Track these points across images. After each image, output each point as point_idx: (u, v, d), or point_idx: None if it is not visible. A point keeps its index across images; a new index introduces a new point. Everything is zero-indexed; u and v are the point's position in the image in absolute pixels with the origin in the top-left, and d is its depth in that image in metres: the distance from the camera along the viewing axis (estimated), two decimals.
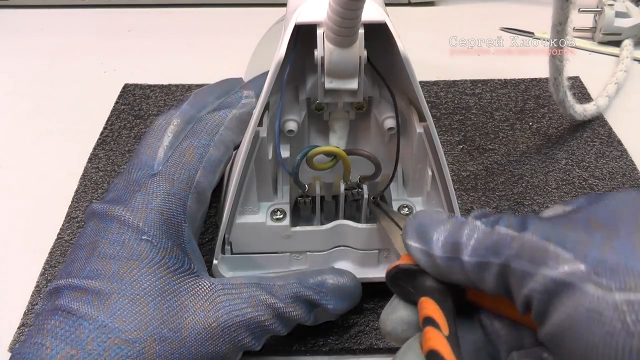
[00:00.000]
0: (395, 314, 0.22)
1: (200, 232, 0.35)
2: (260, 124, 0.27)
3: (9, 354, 0.30)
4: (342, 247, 0.31)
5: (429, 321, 0.20)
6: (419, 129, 0.28)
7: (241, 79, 0.37)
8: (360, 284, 0.29)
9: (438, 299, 0.21)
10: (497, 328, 0.21)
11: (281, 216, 0.30)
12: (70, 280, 0.25)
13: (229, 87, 0.33)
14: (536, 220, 0.19)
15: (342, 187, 0.29)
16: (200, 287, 0.26)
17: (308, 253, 0.30)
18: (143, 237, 0.26)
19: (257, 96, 0.30)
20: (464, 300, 0.22)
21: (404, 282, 0.22)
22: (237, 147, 0.31)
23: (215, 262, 0.30)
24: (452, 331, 0.20)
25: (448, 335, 0.19)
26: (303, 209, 0.31)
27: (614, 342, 0.15)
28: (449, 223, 0.21)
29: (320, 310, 0.28)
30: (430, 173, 0.29)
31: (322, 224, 0.30)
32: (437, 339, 0.19)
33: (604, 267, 0.16)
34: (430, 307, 0.20)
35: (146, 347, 0.23)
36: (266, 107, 0.28)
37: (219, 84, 0.34)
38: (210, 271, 0.30)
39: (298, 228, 0.30)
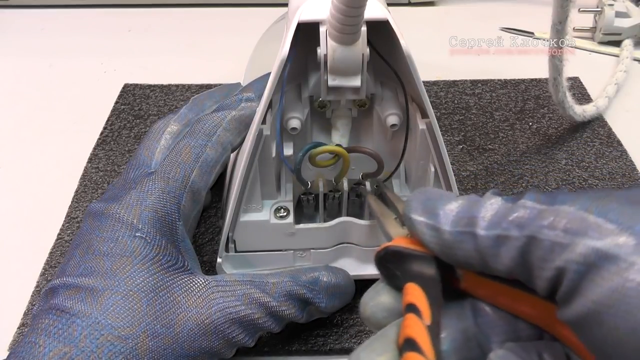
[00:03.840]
0: (377, 298, 0.21)
1: (200, 232, 0.35)
2: (264, 122, 0.27)
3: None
4: (345, 244, 0.31)
5: (411, 308, 0.18)
6: (421, 125, 0.28)
7: (239, 84, 0.37)
8: (353, 282, 0.29)
9: (426, 285, 0.19)
10: (492, 318, 0.20)
11: (285, 214, 0.30)
12: (64, 279, 0.25)
13: (228, 92, 0.33)
14: (570, 193, 0.17)
15: (346, 184, 0.29)
16: (193, 284, 0.26)
17: (312, 250, 0.30)
18: (137, 234, 0.26)
19: (259, 98, 0.30)
20: (457, 288, 0.20)
21: (393, 265, 0.21)
22: (234, 149, 0.31)
23: (219, 260, 0.30)
24: (435, 321, 0.18)
25: (429, 324, 0.18)
26: (306, 207, 0.31)
27: None
28: (461, 199, 0.19)
29: (312, 308, 0.28)
30: (432, 169, 0.29)
31: (325, 221, 0.30)
32: (416, 327, 0.18)
33: None
34: (415, 293, 0.19)
35: (139, 343, 0.24)
36: (270, 105, 0.28)
37: (217, 89, 0.34)
38: (212, 271, 0.31)
39: (302, 225, 0.30)
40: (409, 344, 0.17)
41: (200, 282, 0.26)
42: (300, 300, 0.27)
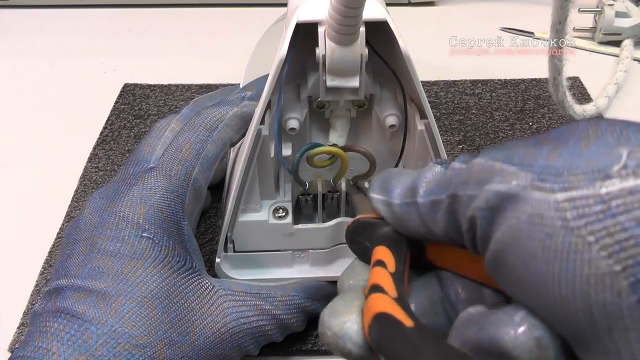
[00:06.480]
0: (353, 273, 0.21)
1: (200, 232, 0.35)
2: (262, 122, 0.27)
3: (9, 354, 0.30)
4: (344, 245, 0.31)
5: (377, 263, 0.19)
6: (420, 126, 0.28)
7: (239, 86, 0.37)
8: None
9: (391, 245, 0.20)
10: (456, 287, 0.20)
11: (283, 214, 0.30)
12: (71, 280, 0.24)
13: (228, 95, 0.33)
14: (491, 147, 0.18)
15: (344, 184, 0.29)
16: (204, 287, 0.26)
17: (310, 251, 0.30)
18: (144, 234, 0.25)
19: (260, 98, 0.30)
20: (424, 258, 0.21)
21: (363, 237, 0.21)
22: (232, 145, 0.31)
23: (217, 260, 0.30)
24: (399, 269, 0.19)
25: (393, 272, 0.18)
26: (305, 207, 0.31)
27: (553, 243, 0.13)
28: (412, 173, 0.20)
29: (312, 317, 0.29)
30: None
31: (324, 221, 0.30)
32: (381, 275, 0.18)
33: (549, 172, 0.14)
34: (381, 251, 0.20)
35: (157, 352, 0.23)
36: (268, 106, 0.28)
37: (218, 92, 0.34)
38: (212, 270, 0.31)
39: (300, 226, 0.30)
40: (374, 289, 0.18)
41: (210, 286, 0.26)
42: (305, 312, 0.28)
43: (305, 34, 0.26)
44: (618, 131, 0.14)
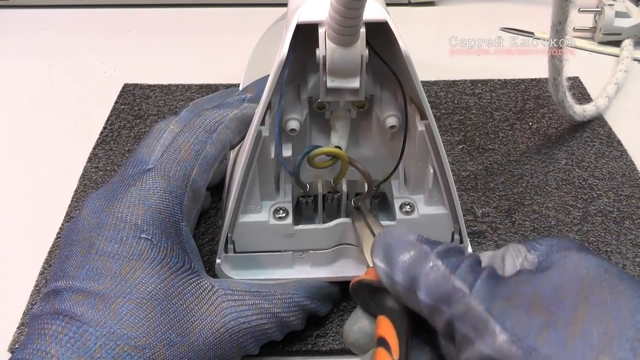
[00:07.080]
0: (357, 326, 0.23)
1: (200, 232, 0.35)
2: (262, 123, 0.27)
3: (9, 354, 0.30)
4: (344, 245, 0.31)
5: (381, 342, 0.21)
6: (420, 126, 0.28)
7: (238, 87, 0.37)
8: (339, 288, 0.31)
9: (394, 319, 0.21)
10: (451, 351, 0.21)
11: (284, 215, 0.30)
12: (69, 281, 0.24)
13: (228, 97, 0.33)
14: (486, 280, 0.19)
15: (345, 185, 0.29)
16: (202, 288, 0.26)
17: (311, 251, 0.31)
18: (142, 235, 0.25)
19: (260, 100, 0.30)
20: (424, 321, 0.22)
21: (366, 296, 0.23)
22: (232, 147, 0.31)
23: (218, 261, 0.30)
24: (402, 354, 0.20)
25: (397, 359, 0.20)
26: (305, 208, 0.31)
27: None
28: (413, 250, 0.21)
29: (311, 316, 0.29)
30: (431, 171, 0.29)
31: (324, 222, 0.30)
32: None
33: (535, 357, 0.16)
34: (385, 327, 0.21)
35: (156, 353, 0.23)
36: (268, 107, 0.28)
37: (217, 94, 0.34)
38: (212, 271, 0.31)
39: (300, 226, 0.30)
40: None
41: (209, 287, 0.26)
42: (305, 311, 0.28)
43: (306, 34, 0.26)
44: (604, 324, 0.16)
